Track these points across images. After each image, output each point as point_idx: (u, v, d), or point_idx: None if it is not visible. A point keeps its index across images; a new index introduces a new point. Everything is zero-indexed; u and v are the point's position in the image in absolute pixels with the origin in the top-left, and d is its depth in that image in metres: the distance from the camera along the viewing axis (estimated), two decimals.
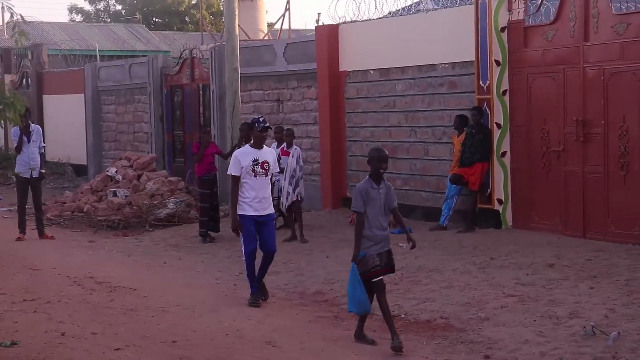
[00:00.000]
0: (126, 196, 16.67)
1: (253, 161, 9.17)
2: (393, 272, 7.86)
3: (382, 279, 7.57)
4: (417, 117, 14.51)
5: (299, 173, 13.33)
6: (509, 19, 12.77)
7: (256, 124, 9.31)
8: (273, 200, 13.91)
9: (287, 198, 13.26)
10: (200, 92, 19.78)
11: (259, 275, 9.41)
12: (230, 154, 14.69)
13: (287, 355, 7.32)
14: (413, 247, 7.83)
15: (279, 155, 13.87)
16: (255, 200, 9.15)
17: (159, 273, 11.43)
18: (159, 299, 9.51)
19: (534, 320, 7.83)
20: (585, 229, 11.69)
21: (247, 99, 17.90)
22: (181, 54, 20.83)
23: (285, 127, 14.18)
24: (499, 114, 12.84)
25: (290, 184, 13.23)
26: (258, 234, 9.21)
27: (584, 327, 7.36)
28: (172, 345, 7.56)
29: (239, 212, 9.18)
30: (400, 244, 12.01)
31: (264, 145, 9.39)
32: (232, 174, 9.21)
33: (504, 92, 12.84)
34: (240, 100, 16.31)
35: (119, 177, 17.60)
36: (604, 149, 11.45)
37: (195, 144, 14.27)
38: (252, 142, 9.48)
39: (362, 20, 15.64)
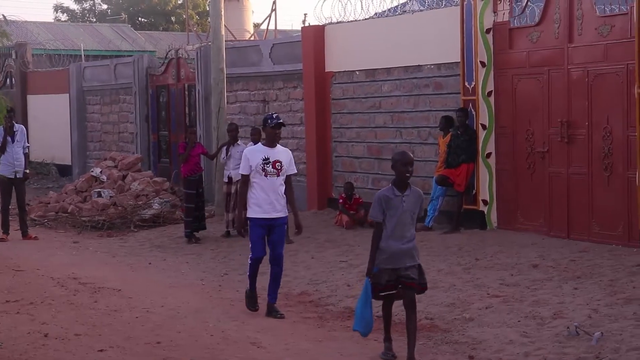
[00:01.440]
0: (111, 197, 16.63)
1: (263, 160, 8.59)
2: (415, 286, 6.93)
3: (393, 294, 7.01)
4: (403, 117, 14.53)
5: None
6: (494, 21, 12.81)
7: (269, 120, 8.65)
8: None
9: None
10: (186, 93, 19.75)
11: (271, 295, 8.80)
12: (216, 154, 14.74)
13: (272, 356, 7.31)
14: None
15: None
16: (266, 201, 8.58)
17: (143, 274, 11.40)
18: (143, 299, 9.49)
19: (518, 321, 7.85)
20: (570, 230, 11.73)
21: (233, 100, 17.88)
22: (167, 54, 20.80)
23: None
24: (484, 115, 12.87)
25: None
26: (267, 237, 8.67)
27: (568, 328, 7.39)
28: (156, 346, 7.54)
29: (248, 214, 8.67)
30: None
31: (278, 144, 8.77)
32: (242, 173, 8.74)
33: (489, 93, 12.87)
34: (226, 101, 16.31)
35: (104, 177, 17.55)
36: (588, 150, 11.50)
37: (182, 144, 14.25)
38: (264, 139, 8.91)
39: (348, 21, 15.65)
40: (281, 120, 8.67)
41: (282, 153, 8.72)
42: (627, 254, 10.30)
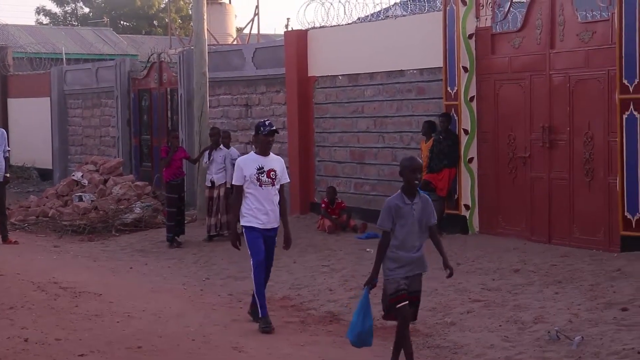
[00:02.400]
0: (92, 201, 16.55)
1: (258, 169, 8.23)
2: (417, 301, 6.74)
3: (407, 305, 6.59)
4: (386, 122, 14.55)
5: None
6: (476, 26, 12.86)
7: (262, 128, 8.27)
8: None
9: None
10: (168, 97, 19.70)
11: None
12: (198, 159, 14.70)
13: None
14: (450, 275, 6.75)
15: None
16: (261, 212, 8.24)
17: (124, 278, 11.35)
18: (124, 304, 9.44)
19: (500, 325, 7.87)
20: (551, 235, 11.78)
21: (215, 104, 17.86)
22: (149, 58, 20.74)
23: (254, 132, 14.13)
24: (466, 120, 12.91)
25: None
26: None
27: (549, 332, 7.41)
28: (137, 351, 7.50)
29: (244, 223, 8.30)
30: (368, 249, 12.07)
31: (271, 152, 8.44)
32: (235, 184, 8.36)
33: (472, 99, 12.91)
34: (208, 105, 16.29)
35: (85, 181, 17.47)
36: (569, 156, 11.56)
37: (164, 148, 14.21)
38: (257, 148, 8.45)
39: (331, 26, 15.67)
40: (274, 128, 8.33)
41: (275, 161, 8.39)
42: (608, 258, 10.36)
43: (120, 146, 21.11)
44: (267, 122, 8.36)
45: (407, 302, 6.57)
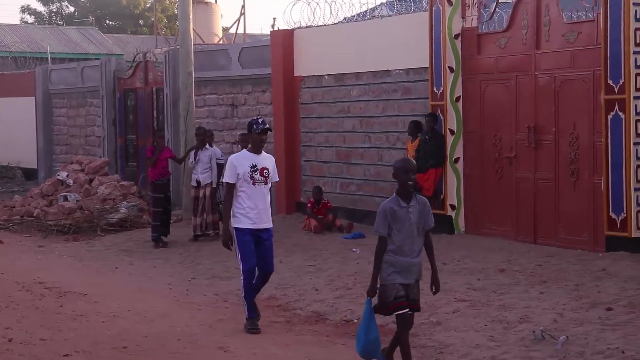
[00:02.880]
0: (77, 200, 16.49)
1: (251, 167, 8.08)
2: (417, 309, 6.54)
3: (407, 312, 6.41)
4: (372, 122, 14.56)
5: None
6: (462, 26, 12.88)
7: (254, 126, 8.11)
8: (219, 205, 13.97)
9: None
10: (154, 96, 19.65)
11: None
12: (184, 159, 14.67)
13: None
14: (436, 292, 6.62)
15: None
16: (254, 211, 8.07)
17: (110, 278, 11.31)
18: (109, 304, 9.40)
19: (485, 325, 7.88)
20: (536, 235, 11.82)
21: (201, 103, 17.82)
22: (135, 57, 20.68)
23: (241, 132, 14.15)
24: (452, 120, 12.94)
25: None
26: (256, 250, 8.15)
27: (534, 332, 7.43)
28: (122, 351, 7.47)
29: (235, 224, 8.11)
30: (354, 249, 12.07)
31: (263, 151, 8.27)
32: (227, 182, 8.17)
33: (458, 99, 12.93)
34: (194, 105, 16.26)
35: (70, 181, 17.40)
36: (555, 156, 11.60)
37: (150, 148, 14.17)
38: (249, 146, 8.30)
39: (317, 26, 15.67)
40: (267, 126, 8.17)
41: (267, 160, 8.26)
42: (593, 258, 10.40)
43: (105, 146, 21.04)
44: (260, 120, 8.21)
45: (407, 309, 6.39)
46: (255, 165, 8.10)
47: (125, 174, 19.81)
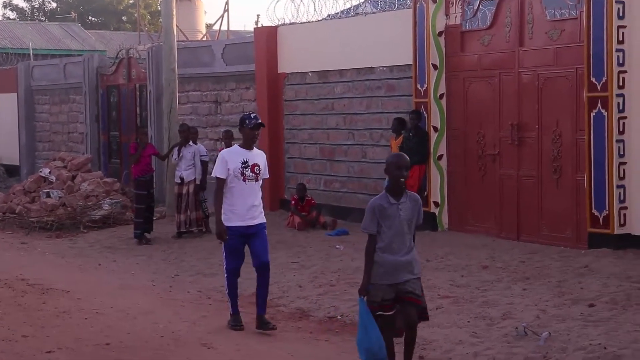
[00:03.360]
0: (60, 197, 16.42)
1: (242, 163, 7.92)
2: (417, 303, 6.26)
3: (393, 315, 6.24)
4: (355, 119, 14.57)
5: None
6: (446, 24, 12.90)
7: (247, 121, 7.93)
8: (203, 202, 13.95)
9: None
10: (137, 93, 19.58)
11: (261, 306, 8.11)
12: (167, 155, 14.63)
13: (223, 357, 7.27)
14: None
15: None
16: (243, 208, 7.91)
17: (93, 275, 11.27)
18: (92, 301, 9.37)
19: (468, 321, 7.90)
20: (519, 232, 11.86)
21: (184, 100, 17.77)
22: (117, 54, 20.60)
23: (224, 129, 14.12)
24: (436, 118, 12.96)
25: None
26: (248, 246, 8.03)
27: (516, 328, 7.45)
28: (105, 348, 7.45)
29: (224, 222, 7.99)
30: (337, 246, 12.08)
31: (254, 147, 8.11)
32: (218, 177, 7.99)
33: (441, 96, 12.96)
34: (177, 101, 16.21)
35: (53, 177, 17.32)
36: (538, 153, 11.64)
37: (133, 145, 14.12)
38: (241, 141, 8.12)
39: (301, 23, 15.66)
40: (260, 121, 8.01)
41: (259, 156, 8.08)
42: (575, 255, 10.44)
43: (88, 142, 20.95)
44: (252, 115, 8.04)
45: (392, 312, 6.21)
46: (247, 161, 7.95)
47: (108, 171, 19.75)
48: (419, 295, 6.25)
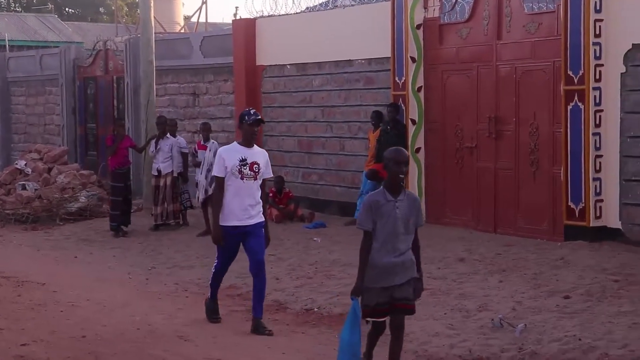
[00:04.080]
0: (36, 189, 16.30)
1: (240, 161, 7.64)
2: (409, 308, 6.03)
3: (384, 322, 6.03)
4: (334, 112, 14.56)
5: None
6: (424, 17, 12.91)
7: (246, 117, 7.66)
8: (181, 194, 13.89)
9: (202, 192, 13.13)
10: (115, 85, 19.47)
11: (257, 309, 7.84)
12: (145, 147, 14.56)
13: (200, 350, 7.24)
14: (417, 297, 6.10)
15: (195, 149, 13.79)
16: (240, 208, 7.65)
17: (69, 267, 11.21)
18: (68, 293, 9.32)
19: (445, 314, 7.93)
20: (496, 224, 11.90)
21: (162, 92, 17.69)
22: (95, 46, 20.47)
23: (202, 121, 14.07)
24: (414, 111, 12.97)
25: (206, 178, 13.08)
26: (243, 244, 7.80)
27: (492, 320, 7.48)
28: (81, 340, 7.41)
29: (220, 221, 7.73)
30: (315, 239, 12.07)
31: (255, 144, 7.85)
32: (216, 175, 7.75)
33: (419, 89, 12.97)
34: (155, 94, 16.13)
35: (29, 169, 17.20)
36: (515, 146, 11.68)
37: (110, 137, 14.05)
38: (241, 139, 7.87)
39: (279, 15, 15.62)
40: (260, 117, 7.74)
41: (259, 154, 7.79)
42: (552, 248, 10.50)
43: (65, 134, 20.82)
44: (252, 111, 7.79)
45: (385, 318, 5.97)
46: (245, 159, 7.67)
47: (85, 163, 19.63)
48: (410, 300, 5.99)
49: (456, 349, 6.98)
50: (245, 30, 15.94)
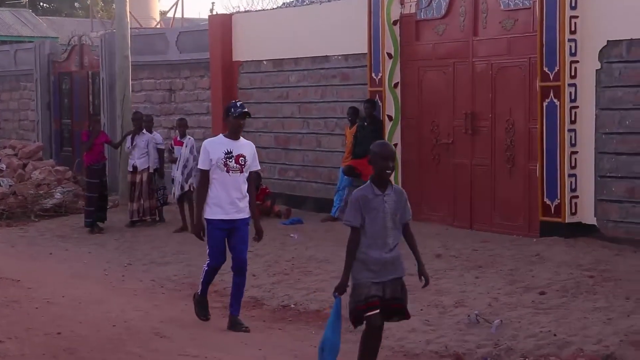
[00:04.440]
0: (10, 185, 16.17)
1: (226, 154, 7.58)
2: (402, 309, 5.94)
3: (377, 314, 5.78)
4: (310, 108, 14.55)
5: (192, 163, 13.06)
6: (401, 13, 12.92)
7: (232, 109, 7.63)
8: (158, 191, 13.83)
9: (178, 188, 13.08)
10: (90, 80, 19.35)
11: (234, 307, 7.79)
12: (120, 143, 14.48)
13: (176, 346, 7.21)
14: (426, 284, 6.09)
15: (171, 145, 13.74)
16: (227, 201, 7.58)
17: (44, 264, 11.14)
18: (43, 290, 9.26)
19: (421, 310, 7.94)
20: (473, 221, 11.94)
21: (138, 88, 17.60)
22: (69, 41, 20.34)
23: (178, 117, 14.02)
24: (390, 107, 12.99)
25: (182, 174, 13.05)
26: (227, 241, 7.72)
27: (469, 316, 7.51)
28: (56, 337, 7.35)
29: (206, 215, 7.66)
30: (292, 235, 12.06)
31: (241, 137, 7.79)
32: (200, 168, 7.71)
33: (396, 85, 12.99)
34: (131, 89, 16.04)
35: (3, 166, 17.07)
36: (491, 142, 11.72)
37: (85, 132, 13.97)
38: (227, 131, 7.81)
39: (256, 11, 15.58)
40: (246, 110, 7.71)
41: (245, 147, 7.73)
42: (527, 244, 10.55)
43: (39, 130, 20.68)
44: (238, 104, 7.76)
45: (377, 310, 5.76)
46: (231, 152, 7.61)
47: (60, 159, 19.50)
48: (402, 300, 5.91)
49: (432, 344, 7.00)
50: (222, 25, 15.89)
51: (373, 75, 13.06)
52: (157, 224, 13.75)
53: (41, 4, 46.75)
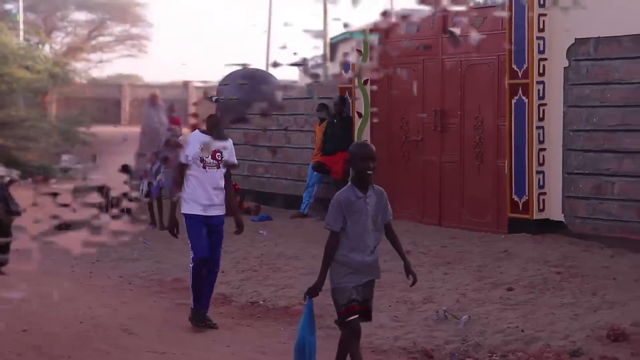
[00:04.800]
0: None
1: (202, 149, 7.58)
2: (367, 311, 5.82)
3: (357, 319, 5.71)
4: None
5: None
6: None
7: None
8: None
9: (145, 185, 13.01)
10: None
11: (204, 303, 7.69)
12: None
13: (144, 343, 7.17)
14: (414, 282, 5.99)
15: None
16: (204, 197, 7.55)
17: (10, 261, 11.00)
18: (10, 287, 9.15)
19: (390, 306, 7.96)
20: (442, 217, 11.99)
21: None
22: None
23: None
24: (360, 103, 13.00)
25: (150, 170, 12.99)
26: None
27: (437, 312, 7.54)
28: (24, 334, 7.28)
29: (185, 210, 7.60)
30: (261, 232, 12.04)
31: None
32: (179, 162, 7.67)
33: (366, 82, 12.99)
34: None
35: None
36: (460, 139, 11.77)
37: None
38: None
39: None
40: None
41: (222, 142, 7.74)
42: (496, 240, 10.61)
43: None
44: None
45: (357, 315, 5.69)
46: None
47: None
48: (370, 301, 5.86)
49: (400, 340, 7.02)
50: None
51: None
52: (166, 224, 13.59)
53: None
